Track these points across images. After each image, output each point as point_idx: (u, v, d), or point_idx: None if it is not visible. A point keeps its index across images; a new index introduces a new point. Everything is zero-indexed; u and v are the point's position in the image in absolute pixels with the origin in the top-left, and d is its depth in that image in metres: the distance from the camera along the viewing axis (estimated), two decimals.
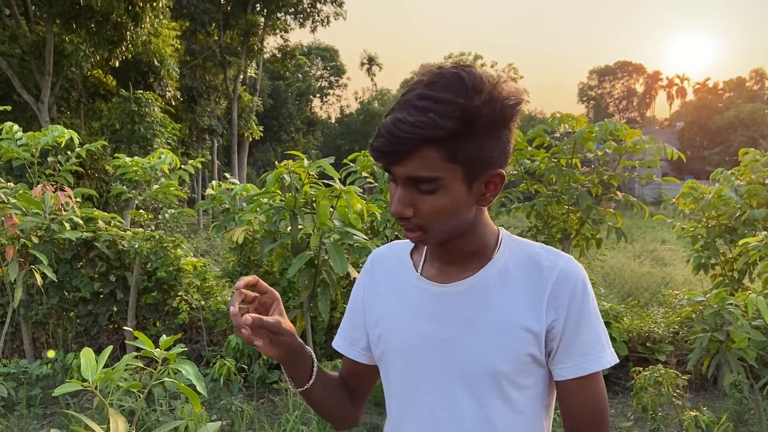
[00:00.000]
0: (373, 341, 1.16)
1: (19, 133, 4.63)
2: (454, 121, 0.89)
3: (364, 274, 1.22)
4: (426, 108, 0.90)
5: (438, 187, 0.94)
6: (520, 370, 1.02)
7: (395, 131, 0.91)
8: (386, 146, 0.92)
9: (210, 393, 4.48)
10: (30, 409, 4.37)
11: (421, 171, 0.92)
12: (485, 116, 0.91)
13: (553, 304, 1.01)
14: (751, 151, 5.44)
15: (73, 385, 1.32)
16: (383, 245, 1.25)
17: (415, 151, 0.91)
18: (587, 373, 1.01)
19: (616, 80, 79.03)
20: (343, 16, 27.94)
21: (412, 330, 1.08)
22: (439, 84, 0.91)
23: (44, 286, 4.81)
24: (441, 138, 0.90)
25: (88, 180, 12.48)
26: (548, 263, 1.03)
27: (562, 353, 1.02)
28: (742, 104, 49.70)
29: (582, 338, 1.01)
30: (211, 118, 23.15)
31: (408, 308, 1.09)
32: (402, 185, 0.96)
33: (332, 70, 53.22)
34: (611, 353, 1.03)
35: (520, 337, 1.01)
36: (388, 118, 0.93)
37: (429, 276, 1.10)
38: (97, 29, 12.66)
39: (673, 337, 5.07)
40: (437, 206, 0.95)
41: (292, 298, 4.69)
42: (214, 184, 4.71)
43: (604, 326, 1.04)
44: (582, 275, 1.03)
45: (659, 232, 16.67)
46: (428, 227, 0.97)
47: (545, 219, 5.10)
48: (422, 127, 0.89)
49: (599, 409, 1.03)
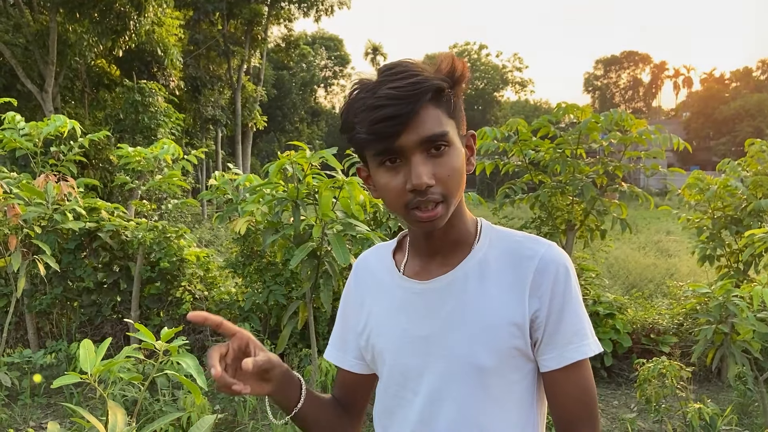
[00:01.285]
0: (362, 347, 1.14)
1: (22, 123, 4.62)
2: (443, 76, 0.95)
3: (351, 281, 1.20)
4: (411, 74, 0.92)
5: (448, 144, 0.94)
6: (506, 363, 0.99)
7: (400, 95, 0.90)
8: (395, 111, 0.90)
9: (212, 383, 4.48)
10: (34, 398, 4.39)
11: (435, 128, 0.92)
12: (457, 75, 0.96)
13: (536, 293, 0.98)
14: (757, 142, 5.39)
15: (72, 377, 1.31)
16: (368, 249, 1.23)
17: (422, 110, 0.91)
18: (572, 362, 0.98)
19: (622, 70, 78.54)
20: (347, 6, 27.75)
21: (396, 330, 1.06)
22: (398, 66, 0.94)
23: (48, 276, 4.82)
24: (440, 91, 0.93)
25: (93, 170, 12.47)
26: (528, 251, 1.01)
27: (546, 343, 0.99)
28: (749, 94, 49.39)
29: (565, 326, 0.98)
30: (215, 108, 23.09)
31: (391, 309, 1.07)
32: (415, 154, 0.93)
33: (337, 59, 52.99)
34: (595, 341, 1.01)
35: (504, 330, 0.98)
36: (379, 93, 0.91)
37: (411, 274, 1.08)
38: (101, 18, 12.62)
39: (677, 329, 5.05)
40: (453, 165, 0.95)
41: (295, 288, 4.69)
42: (217, 175, 4.70)
43: (586, 314, 1.02)
44: (564, 261, 1.00)
45: (664, 223, 16.63)
46: (447, 194, 0.95)
47: (549, 210, 5.06)
48: (424, 81, 0.91)
49: (587, 399, 1.00)
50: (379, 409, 1.13)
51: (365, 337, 1.11)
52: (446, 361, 1.01)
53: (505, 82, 61.64)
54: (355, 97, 0.95)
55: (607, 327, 4.89)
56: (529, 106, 60.98)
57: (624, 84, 78.81)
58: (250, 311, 4.84)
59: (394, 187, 0.95)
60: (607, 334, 4.83)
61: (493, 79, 58.31)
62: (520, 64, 63.74)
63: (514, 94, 65.87)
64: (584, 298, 5.04)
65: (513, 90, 64.53)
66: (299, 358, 4.74)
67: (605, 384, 4.85)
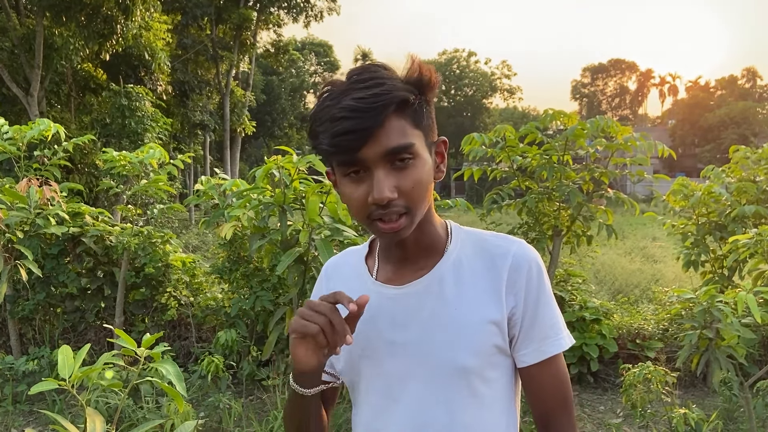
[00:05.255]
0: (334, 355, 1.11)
1: (6, 126, 4.57)
2: (409, 86, 0.93)
3: (319, 286, 1.18)
4: (377, 84, 0.90)
5: (413, 156, 0.92)
6: (487, 362, 1.00)
7: (361, 107, 0.88)
8: (357, 124, 0.88)
9: (198, 390, 4.44)
10: (16, 405, 4.33)
11: (399, 140, 0.90)
12: (425, 83, 0.95)
13: (512, 290, 1.00)
14: (741, 149, 5.45)
15: (49, 384, 1.28)
16: (337, 254, 1.21)
17: (386, 122, 0.89)
18: (549, 356, 1.01)
19: (609, 78, 79.20)
20: (336, 11, 27.76)
21: (373, 336, 1.05)
22: (366, 72, 0.92)
23: (30, 281, 4.76)
24: (408, 101, 0.91)
25: (78, 174, 12.37)
26: (500, 250, 1.02)
27: (523, 339, 1.01)
28: (734, 102, 49.96)
29: (540, 322, 1.01)
30: (204, 113, 22.98)
31: (366, 314, 1.04)
32: (378, 167, 0.91)
33: (326, 65, 52.95)
34: (568, 335, 1.04)
35: (483, 329, 0.99)
36: (343, 104, 0.89)
37: (384, 279, 1.07)
38: (88, 22, 12.53)
39: (662, 334, 5.08)
40: (416, 178, 0.93)
41: (282, 294, 4.66)
42: (204, 179, 4.67)
43: (558, 308, 1.04)
44: (535, 258, 1.02)
45: (650, 229, 16.74)
46: (412, 206, 0.94)
47: (536, 216, 5.08)
48: (388, 92, 0.89)
49: (564, 389, 1.04)
50: (362, 419, 1.10)
51: None
52: (429, 365, 1.00)
53: (494, 89, 61.93)
54: (322, 104, 0.93)
55: (593, 332, 4.90)
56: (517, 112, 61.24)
57: (611, 91, 79.47)
58: (236, 317, 4.80)
59: (357, 198, 0.94)
60: (593, 340, 4.84)
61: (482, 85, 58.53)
62: (508, 71, 64.04)
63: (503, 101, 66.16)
64: (570, 304, 5.06)
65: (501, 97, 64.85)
66: (285, 364, 4.71)
67: (591, 389, 4.86)
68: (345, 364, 1.10)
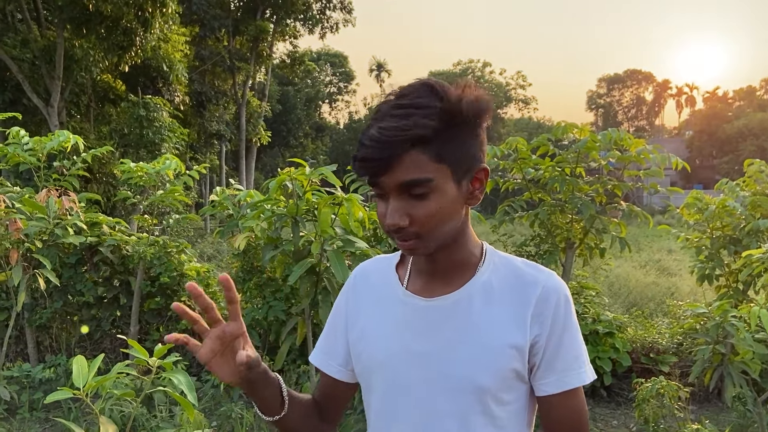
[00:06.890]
0: (354, 356, 1.15)
1: (26, 137, 4.67)
2: (437, 121, 0.92)
3: (347, 289, 1.21)
4: (406, 114, 0.92)
5: (430, 190, 0.94)
6: (504, 385, 1.02)
7: (382, 138, 0.91)
8: (374, 154, 0.92)
9: (211, 399, 4.48)
10: (32, 413, 4.39)
11: (413, 174, 0.93)
12: (463, 115, 0.94)
13: (537, 319, 1.01)
14: (756, 162, 5.41)
15: (64, 393, 1.32)
16: (368, 260, 1.25)
17: (404, 156, 0.92)
18: (569, 388, 1.02)
19: (625, 88, 78.82)
20: (352, 23, 27.98)
21: (395, 344, 1.07)
22: (412, 94, 0.94)
23: (48, 290, 4.84)
24: (427, 138, 0.92)
25: (96, 184, 12.54)
26: (531, 278, 1.04)
27: (545, 369, 1.02)
28: (752, 113, 49.39)
29: (564, 353, 1.02)
30: (220, 123, 23.23)
31: (392, 322, 1.08)
32: (394, 196, 0.95)
33: (341, 76, 53.32)
34: (591, 369, 1.06)
35: (505, 353, 1.01)
36: (371, 130, 0.93)
37: (414, 290, 1.09)
38: (107, 34, 12.76)
39: (677, 348, 5.03)
40: (431, 210, 0.95)
41: (294, 304, 4.70)
42: (218, 190, 4.73)
43: (583, 342, 1.06)
44: (564, 291, 1.04)
45: (666, 241, 16.57)
46: (424, 234, 0.97)
47: (549, 228, 5.08)
48: (408, 128, 0.91)
49: (581, 422, 1.05)
50: (375, 423, 1.13)
51: (360, 347, 1.12)
52: (446, 378, 1.03)
53: (509, 99, 61.95)
54: (368, 122, 0.97)
55: (606, 346, 4.87)
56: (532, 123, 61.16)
57: (627, 102, 79.06)
58: (249, 327, 4.84)
59: (380, 215, 0.99)
60: (607, 353, 4.81)
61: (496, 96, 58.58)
62: (523, 82, 64.05)
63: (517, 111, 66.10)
64: (584, 317, 5.03)
65: (516, 107, 64.85)
66: (297, 374, 4.74)
67: (604, 403, 4.82)
68: (363, 367, 1.13)
